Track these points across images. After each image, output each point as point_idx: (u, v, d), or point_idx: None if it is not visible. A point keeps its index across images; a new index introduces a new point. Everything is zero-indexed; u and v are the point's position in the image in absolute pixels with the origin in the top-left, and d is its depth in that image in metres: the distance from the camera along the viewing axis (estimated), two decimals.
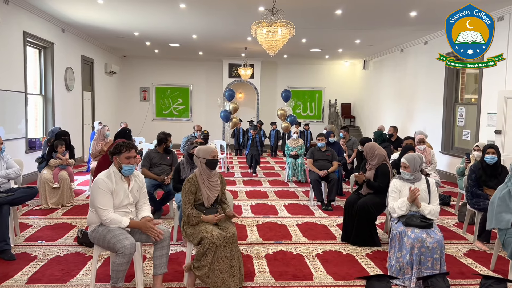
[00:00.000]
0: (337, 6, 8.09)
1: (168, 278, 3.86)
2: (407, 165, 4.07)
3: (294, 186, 8.73)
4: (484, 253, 4.78)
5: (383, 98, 14.15)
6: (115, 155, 3.55)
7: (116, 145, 3.58)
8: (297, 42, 11.96)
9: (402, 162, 4.12)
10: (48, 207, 6.45)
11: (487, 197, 4.82)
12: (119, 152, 3.53)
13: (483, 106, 8.64)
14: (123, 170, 3.54)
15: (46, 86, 9.66)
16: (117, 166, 3.55)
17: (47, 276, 3.91)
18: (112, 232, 3.38)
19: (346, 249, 4.82)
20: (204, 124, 15.31)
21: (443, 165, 9.93)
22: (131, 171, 3.58)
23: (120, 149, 3.53)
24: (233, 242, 3.63)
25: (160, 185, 5.94)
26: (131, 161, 3.55)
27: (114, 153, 3.55)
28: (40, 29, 9.08)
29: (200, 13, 8.85)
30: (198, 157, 3.85)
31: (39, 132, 9.57)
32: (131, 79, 16.44)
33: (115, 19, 9.57)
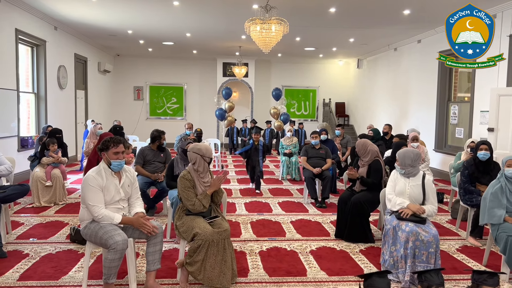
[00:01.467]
0: (331, 4, 8.10)
1: (161, 275, 3.84)
2: (397, 159, 4.13)
3: (288, 184, 8.73)
4: (477, 249, 4.80)
5: (377, 96, 14.19)
6: (103, 151, 3.51)
7: (104, 141, 3.54)
8: (291, 41, 11.97)
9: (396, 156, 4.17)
10: (41, 205, 6.40)
11: (480, 194, 4.85)
12: (106, 148, 3.49)
13: (475, 104, 8.69)
14: (112, 166, 3.49)
15: (38, 84, 9.59)
16: (106, 162, 3.52)
17: (39, 274, 3.88)
18: (104, 228, 3.36)
19: (339, 246, 4.83)
20: (198, 123, 15.29)
21: (436, 163, 9.98)
22: (120, 167, 3.53)
23: (107, 145, 3.49)
24: (226, 237, 3.62)
25: (154, 182, 5.91)
26: (120, 156, 3.49)
27: (102, 149, 3.52)
28: (32, 27, 9.01)
29: (193, 10, 8.82)
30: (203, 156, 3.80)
31: (32, 130, 9.50)
32: (124, 78, 16.37)
33: (109, 17, 9.52)
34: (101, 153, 3.53)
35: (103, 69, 14.02)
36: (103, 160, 3.54)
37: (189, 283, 3.68)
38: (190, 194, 3.72)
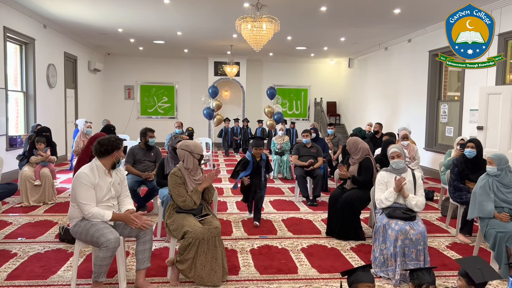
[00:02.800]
0: (322, 3, 8.11)
1: (151, 273, 3.81)
2: (399, 153, 4.14)
3: (280, 183, 8.73)
4: (466, 246, 4.84)
5: (368, 96, 14.26)
6: (114, 151, 3.49)
7: (115, 141, 3.51)
8: (282, 40, 11.97)
9: (393, 152, 4.17)
10: (29, 204, 6.33)
11: (469, 191, 4.88)
12: (118, 147, 3.51)
13: (465, 103, 8.77)
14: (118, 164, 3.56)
15: (27, 82, 9.47)
16: (113, 161, 3.50)
17: (27, 273, 3.83)
18: (96, 226, 3.32)
19: (330, 243, 4.83)
20: (190, 122, 15.23)
21: (426, 161, 10.04)
22: (120, 164, 3.60)
23: (118, 145, 3.51)
24: (217, 235, 3.61)
25: (144, 181, 5.87)
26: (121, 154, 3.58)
27: (114, 149, 3.48)
28: (21, 25, 8.90)
29: (185, 9, 8.78)
30: (192, 152, 3.78)
31: (21, 129, 9.39)
32: (115, 77, 16.25)
33: (99, 15, 9.44)
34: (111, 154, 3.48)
35: (93, 68, 13.91)
36: (108, 160, 3.49)
37: (180, 282, 3.66)
38: (181, 191, 3.69)
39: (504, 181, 4.09)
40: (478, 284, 2.66)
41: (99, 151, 3.46)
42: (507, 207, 4.02)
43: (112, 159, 3.49)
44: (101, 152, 3.45)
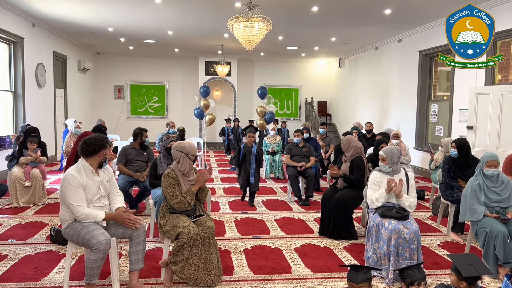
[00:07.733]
0: (313, 3, 8.13)
1: (144, 274, 3.79)
2: (384, 157, 4.11)
3: (272, 183, 8.74)
4: (457, 244, 4.89)
5: (358, 95, 14.33)
6: (101, 150, 3.45)
7: (101, 141, 3.47)
8: (273, 40, 11.98)
9: (380, 155, 4.16)
10: (19, 205, 6.25)
11: (460, 189, 4.93)
12: (104, 147, 3.47)
13: (455, 103, 8.86)
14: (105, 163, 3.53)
15: (16, 82, 9.34)
16: (100, 160, 3.47)
17: (18, 275, 3.78)
18: (87, 228, 3.29)
19: (323, 243, 4.85)
20: (180, 122, 15.18)
21: (416, 160, 10.13)
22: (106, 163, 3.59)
23: (104, 145, 3.47)
24: (211, 235, 3.60)
25: (136, 181, 5.82)
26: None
27: (101, 148, 3.45)
28: (9, 23, 8.78)
29: (175, 8, 8.74)
30: (188, 154, 3.76)
31: (9, 129, 9.26)
32: (105, 76, 16.12)
33: (89, 14, 9.35)
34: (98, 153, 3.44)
35: (83, 68, 13.77)
36: (94, 159, 3.45)
37: (174, 283, 3.64)
38: (175, 192, 3.68)
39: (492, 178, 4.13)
40: (468, 278, 2.69)
41: (86, 151, 3.41)
42: (498, 206, 4.06)
43: (99, 158, 3.46)
44: (88, 151, 3.41)
